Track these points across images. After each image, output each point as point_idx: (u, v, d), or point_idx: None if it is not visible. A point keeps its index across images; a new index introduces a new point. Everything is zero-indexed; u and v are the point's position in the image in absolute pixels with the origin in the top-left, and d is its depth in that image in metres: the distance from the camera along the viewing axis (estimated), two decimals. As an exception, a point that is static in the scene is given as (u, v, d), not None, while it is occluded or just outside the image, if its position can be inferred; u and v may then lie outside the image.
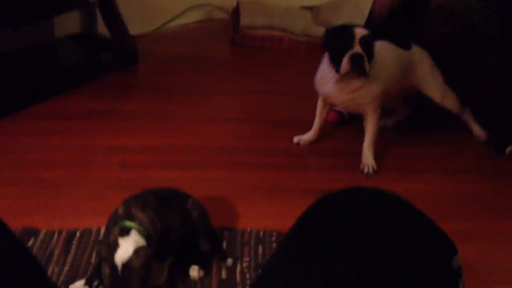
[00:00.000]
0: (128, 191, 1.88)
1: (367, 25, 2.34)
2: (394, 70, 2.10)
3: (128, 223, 1.37)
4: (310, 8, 3.53)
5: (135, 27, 3.19)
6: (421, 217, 0.82)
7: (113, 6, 2.82)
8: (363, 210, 0.80)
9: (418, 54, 2.20)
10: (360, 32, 1.90)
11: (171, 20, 3.45)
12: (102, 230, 1.67)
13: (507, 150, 2.19)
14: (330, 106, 2.20)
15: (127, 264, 1.30)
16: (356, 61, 1.89)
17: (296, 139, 2.24)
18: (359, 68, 1.90)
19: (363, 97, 2.01)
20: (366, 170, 2.07)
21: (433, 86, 2.22)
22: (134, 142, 2.23)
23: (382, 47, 2.04)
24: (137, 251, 1.32)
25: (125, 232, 1.35)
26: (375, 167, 2.07)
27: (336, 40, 1.94)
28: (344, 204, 0.83)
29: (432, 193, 1.99)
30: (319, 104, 2.19)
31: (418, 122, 2.43)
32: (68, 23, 3.01)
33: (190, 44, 3.28)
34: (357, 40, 1.89)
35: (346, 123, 2.41)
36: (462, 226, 1.82)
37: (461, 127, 2.38)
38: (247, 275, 1.53)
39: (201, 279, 1.51)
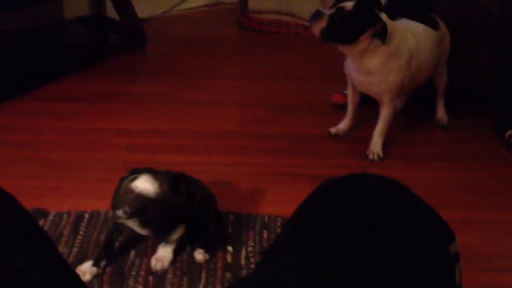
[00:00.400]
0: (135, 174, 1.93)
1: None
2: (428, 58, 2.08)
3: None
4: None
5: (143, 10, 3.20)
6: (420, 203, 0.84)
7: (121, -12, 2.83)
8: (363, 195, 0.82)
9: (444, 29, 2.20)
10: (345, 4, 1.84)
11: (179, 3, 3.45)
12: (110, 213, 1.69)
13: (507, 134, 2.20)
14: (358, 92, 2.16)
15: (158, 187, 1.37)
16: (314, 14, 1.85)
17: (333, 130, 2.22)
18: (311, 21, 1.86)
19: (379, 85, 2.00)
20: (371, 156, 2.08)
21: (443, 59, 2.24)
22: (140, 125, 2.25)
23: (413, 35, 2.01)
24: (153, 180, 1.38)
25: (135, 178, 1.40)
26: (381, 155, 2.08)
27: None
28: (344, 189, 0.84)
29: (435, 180, 2.00)
30: (349, 89, 2.17)
31: (425, 106, 2.44)
32: (77, 5, 3.02)
33: (198, 27, 3.29)
34: (336, 6, 1.84)
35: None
36: (464, 213, 1.84)
37: (466, 112, 2.40)
38: (252, 260, 1.56)
39: (206, 263, 1.54)
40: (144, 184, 1.39)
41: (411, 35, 2.01)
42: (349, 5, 1.84)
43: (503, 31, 2.14)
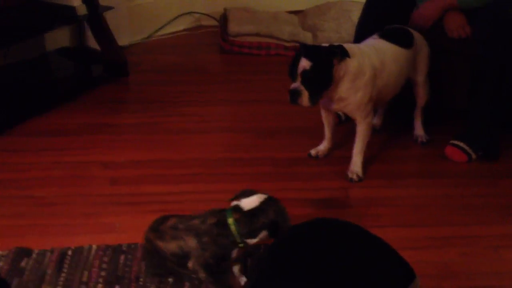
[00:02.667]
0: (119, 207, 1.95)
1: (360, 29, 2.41)
2: (394, 75, 2.11)
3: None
4: (297, 13, 3.57)
5: (124, 38, 3.23)
6: (381, 246, 0.87)
7: (102, 19, 2.86)
8: (326, 241, 0.85)
9: (420, 42, 2.23)
10: (302, 65, 1.86)
11: (160, 29, 3.49)
12: (94, 248, 1.72)
13: (473, 157, 2.24)
14: (333, 112, 2.21)
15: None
16: (292, 95, 1.90)
17: (313, 152, 2.27)
18: (295, 102, 1.91)
19: (349, 105, 2.04)
20: (350, 176, 2.11)
21: (422, 70, 2.27)
22: (125, 156, 2.27)
23: (378, 54, 2.05)
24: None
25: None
26: (360, 175, 2.11)
27: (290, 67, 1.94)
28: (309, 235, 0.88)
29: (415, 198, 2.03)
30: (322, 111, 2.22)
31: (403, 123, 2.47)
32: (59, 37, 3.06)
33: (180, 53, 3.32)
34: (298, 73, 1.88)
35: (343, 123, 2.47)
36: (444, 230, 1.87)
37: (444, 129, 2.44)
38: (235, 289, 1.58)
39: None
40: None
41: (376, 54, 2.05)
42: (305, 64, 1.87)
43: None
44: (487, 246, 1.79)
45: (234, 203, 1.54)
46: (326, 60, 1.90)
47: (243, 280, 1.61)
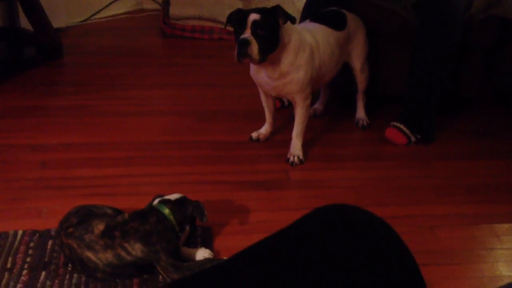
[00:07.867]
0: (49, 191, 1.86)
1: (304, 13, 2.38)
2: (329, 56, 2.10)
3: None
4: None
5: (60, 20, 3.10)
6: (402, 250, 0.86)
7: (34, -1, 2.72)
8: (342, 233, 0.85)
9: (354, 25, 2.23)
10: (253, 17, 1.85)
11: (99, 11, 3.37)
12: (20, 233, 1.62)
13: (412, 139, 2.26)
14: (272, 97, 2.18)
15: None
16: (241, 46, 1.85)
17: (254, 135, 2.23)
18: (244, 54, 1.85)
19: (290, 84, 2.00)
20: (291, 159, 2.09)
21: (359, 55, 2.27)
22: (57, 139, 2.17)
23: (311, 34, 2.04)
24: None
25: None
26: (301, 157, 2.09)
27: (233, 25, 1.91)
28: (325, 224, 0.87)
29: (355, 180, 2.03)
30: (262, 96, 2.18)
31: (345, 107, 2.47)
32: (-12, 16, 2.90)
33: (119, 35, 3.22)
34: (248, 24, 1.85)
35: (286, 108, 2.44)
36: (383, 211, 1.82)
37: (385, 113, 2.45)
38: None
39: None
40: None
41: (310, 34, 2.04)
42: (255, 16, 1.85)
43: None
44: (423, 225, 1.80)
45: (158, 199, 1.57)
46: (273, 16, 1.89)
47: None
